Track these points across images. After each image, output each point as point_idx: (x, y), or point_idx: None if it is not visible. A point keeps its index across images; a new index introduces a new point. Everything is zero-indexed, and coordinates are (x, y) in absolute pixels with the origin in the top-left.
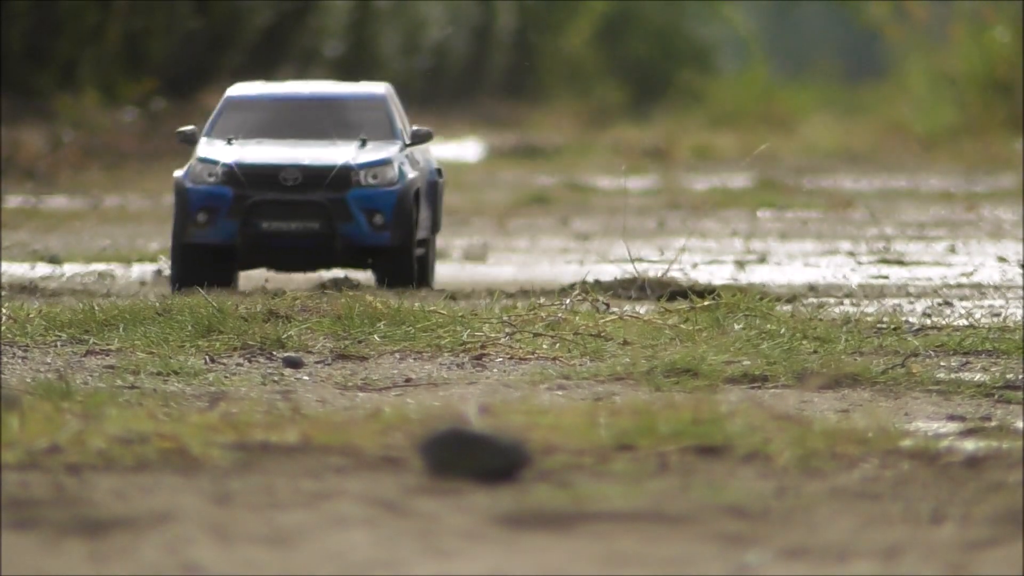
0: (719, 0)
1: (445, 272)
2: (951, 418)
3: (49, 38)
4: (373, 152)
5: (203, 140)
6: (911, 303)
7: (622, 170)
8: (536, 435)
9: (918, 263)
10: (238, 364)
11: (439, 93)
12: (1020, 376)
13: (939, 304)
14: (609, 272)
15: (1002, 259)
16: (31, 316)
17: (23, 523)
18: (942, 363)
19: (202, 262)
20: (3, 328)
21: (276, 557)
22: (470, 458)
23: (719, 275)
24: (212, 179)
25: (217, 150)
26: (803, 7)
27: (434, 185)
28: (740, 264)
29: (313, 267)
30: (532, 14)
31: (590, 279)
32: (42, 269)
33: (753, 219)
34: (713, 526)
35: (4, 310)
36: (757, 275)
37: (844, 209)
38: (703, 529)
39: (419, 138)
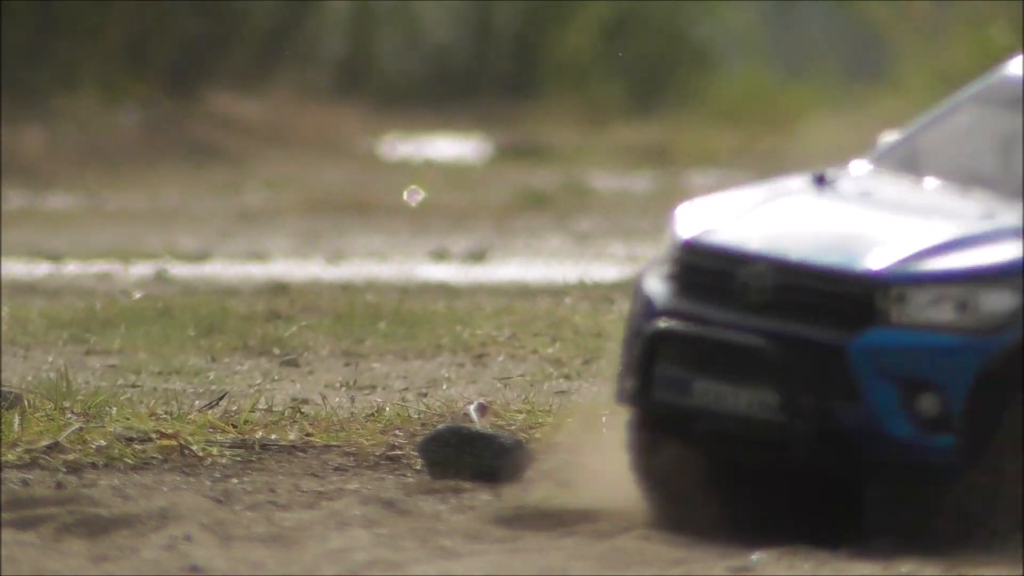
0: (719, 0)
1: (444, 273)
2: None
3: (49, 38)
4: None
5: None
6: None
7: (622, 170)
8: (537, 434)
9: None
10: (239, 363)
11: (439, 93)
12: None
13: None
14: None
15: None
16: (32, 316)
17: (24, 522)
18: None
19: None
20: (4, 327)
21: (276, 556)
22: (471, 457)
23: None
24: None
25: None
26: (803, 7)
27: None
28: None
29: None
30: (533, 14)
31: (588, 280)
32: (43, 268)
33: None
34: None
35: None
36: None
37: None
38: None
39: None
